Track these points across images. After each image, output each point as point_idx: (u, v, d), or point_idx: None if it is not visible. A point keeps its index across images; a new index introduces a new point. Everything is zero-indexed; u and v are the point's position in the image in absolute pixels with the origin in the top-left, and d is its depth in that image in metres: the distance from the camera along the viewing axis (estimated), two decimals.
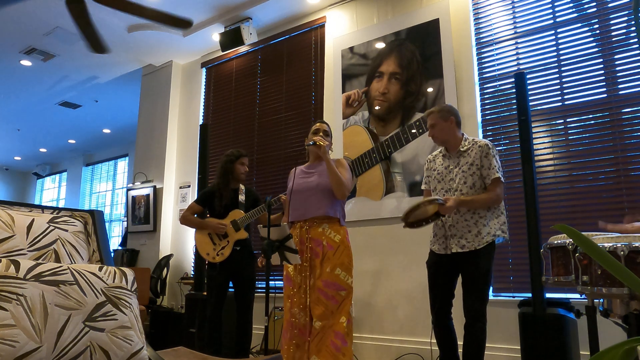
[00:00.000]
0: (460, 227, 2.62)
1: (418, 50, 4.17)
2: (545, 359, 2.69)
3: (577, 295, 2.91)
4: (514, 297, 3.43)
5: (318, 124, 2.96)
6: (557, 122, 3.50)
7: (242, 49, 5.51)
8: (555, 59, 3.55)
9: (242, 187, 3.57)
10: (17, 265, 1.20)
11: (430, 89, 4.04)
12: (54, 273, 1.24)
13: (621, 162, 3.21)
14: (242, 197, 3.50)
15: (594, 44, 3.42)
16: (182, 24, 3.65)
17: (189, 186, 5.74)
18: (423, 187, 2.93)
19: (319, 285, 2.67)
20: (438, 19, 4.09)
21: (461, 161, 2.71)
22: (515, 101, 3.27)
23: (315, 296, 2.67)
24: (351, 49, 4.61)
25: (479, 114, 3.82)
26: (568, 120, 3.47)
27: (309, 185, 2.83)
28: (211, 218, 3.50)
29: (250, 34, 5.07)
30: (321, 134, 2.90)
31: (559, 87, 3.51)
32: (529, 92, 3.24)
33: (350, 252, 2.76)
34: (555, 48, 3.57)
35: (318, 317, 2.64)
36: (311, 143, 2.81)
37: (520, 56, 3.71)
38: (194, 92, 6.05)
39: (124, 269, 1.41)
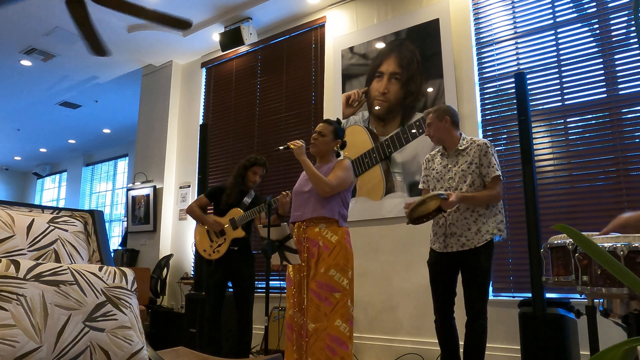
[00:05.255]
0: (460, 225, 2.63)
1: (418, 50, 4.17)
2: (545, 359, 2.69)
3: (577, 295, 2.91)
4: (514, 297, 3.43)
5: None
6: (557, 122, 3.50)
7: (242, 49, 5.50)
8: (555, 59, 3.55)
9: (252, 191, 3.58)
10: (17, 265, 1.20)
11: (430, 89, 4.03)
12: (54, 273, 1.24)
13: (621, 162, 3.21)
14: (247, 200, 3.51)
15: (594, 44, 3.42)
16: (182, 24, 3.66)
17: (189, 186, 5.74)
18: (421, 186, 2.94)
19: (312, 286, 2.65)
20: (438, 19, 4.09)
21: (460, 160, 2.72)
22: (515, 101, 3.27)
23: (309, 297, 2.67)
24: (351, 49, 4.61)
25: (479, 114, 3.82)
26: (568, 120, 3.47)
27: (307, 187, 2.85)
28: (211, 215, 3.53)
29: (250, 34, 5.07)
30: (314, 135, 2.94)
31: (559, 87, 3.51)
32: (529, 92, 3.24)
33: (348, 253, 2.71)
34: (555, 48, 3.57)
35: (311, 318, 2.61)
36: (281, 148, 2.90)
37: (520, 56, 3.71)
38: (194, 92, 6.05)
39: (124, 269, 1.41)
